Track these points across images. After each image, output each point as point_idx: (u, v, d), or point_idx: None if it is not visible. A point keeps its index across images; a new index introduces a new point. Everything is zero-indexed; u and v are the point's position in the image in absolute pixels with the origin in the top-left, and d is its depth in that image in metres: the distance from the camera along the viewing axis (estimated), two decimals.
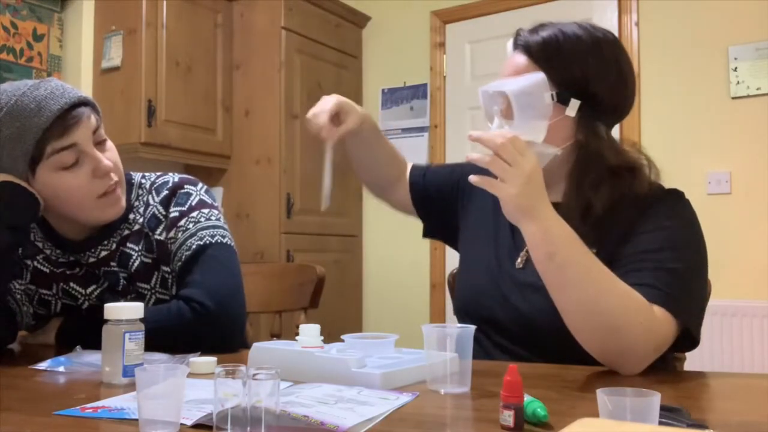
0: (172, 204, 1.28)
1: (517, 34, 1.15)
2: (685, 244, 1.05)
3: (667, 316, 0.96)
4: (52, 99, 1.12)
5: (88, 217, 1.21)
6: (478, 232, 1.26)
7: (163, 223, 1.27)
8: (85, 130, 1.15)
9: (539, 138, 1.09)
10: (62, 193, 1.16)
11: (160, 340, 1.06)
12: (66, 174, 1.15)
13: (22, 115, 1.11)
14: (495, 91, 1.14)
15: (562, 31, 1.12)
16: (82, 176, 1.16)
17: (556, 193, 1.16)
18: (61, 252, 1.28)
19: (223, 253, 1.25)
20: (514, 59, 1.14)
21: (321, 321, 1.10)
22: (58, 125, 1.12)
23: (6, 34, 3.06)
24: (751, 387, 0.97)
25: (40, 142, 1.12)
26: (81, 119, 1.15)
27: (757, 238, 2.86)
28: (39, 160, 1.13)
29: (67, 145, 1.13)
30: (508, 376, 0.66)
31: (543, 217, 0.95)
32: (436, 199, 1.36)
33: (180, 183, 1.31)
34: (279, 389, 0.64)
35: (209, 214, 1.28)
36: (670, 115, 3.11)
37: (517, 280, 1.12)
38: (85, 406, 0.75)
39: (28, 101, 1.11)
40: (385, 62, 3.97)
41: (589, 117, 1.10)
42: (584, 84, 1.09)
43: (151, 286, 1.27)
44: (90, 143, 1.17)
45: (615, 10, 3.27)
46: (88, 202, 1.18)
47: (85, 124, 1.16)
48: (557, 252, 0.94)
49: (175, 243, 1.26)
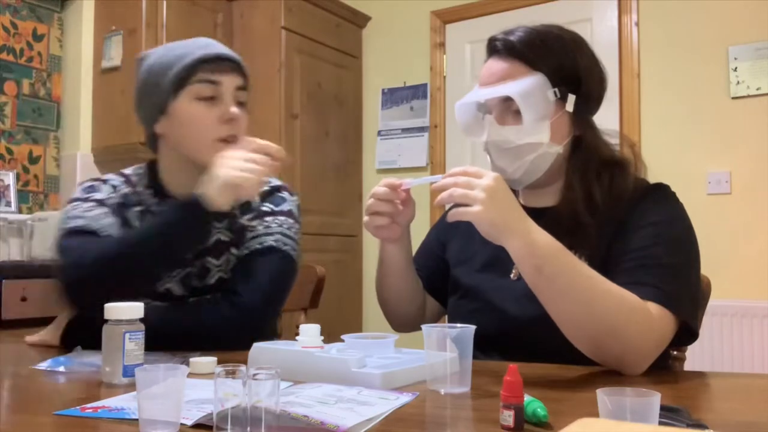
0: (267, 200, 1.36)
1: (493, 40, 1.14)
2: (675, 238, 1.05)
3: (664, 312, 0.96)
4: (218, 46, 1.28)
5: (204, 156, 1.23)
6: (467, 261, 1.24)
7: (254, 212, 1.34)
8: (232, 80, 1.27)
9: (545, 138, 1.09)
10: (190, 123, 1.25)
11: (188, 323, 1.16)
12: (200, 105, 1.25)
13: (190, 45, 1.27)
14: (489, 99, 1.12)
15: (538, 30, 1.12)
16: (211, 114, 1.25)
17: (548, 195, 1.17)
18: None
19: (286, 265, 1.31)
20: (497, 65, 1.12)
21: (321, 321, 1.09)
22: (214, 62, 1.25)
23: (6, 34, 3.06)
24: (751, 387, 0.97)
25: (193, 67, 1.24)
26: (233, 71, 1.27)
27: (757, 238, 2.86)
28: (185, 84, 1.24)
29: (212, 80, 1.25)
30: (508, 376, 0.66)
31: (523, 231, 0.94)
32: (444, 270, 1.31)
33: (281, 187, 1.41)
34: (279, 389, 0.63)
35: (292, 225, 1.36)
36: (670, 115, 3.11)
37: (514, 292, 1.11)
38: (85, 406, 0.75)
39: (200, 41, 1.29)
40: (385, 62, 3.97)
41: (582, 111, 1.12)
42: (578, 79, 1.11)
43: (219, 264, 1.30)
44: (230, 93, 1.27)
45: (615, 10, 3.27)
46: (207, 139, 1.25)
47: (234, 77, 1.27)
48: (543, 264, 0.94)
49: (253, 231, 1.31)
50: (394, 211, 1.14)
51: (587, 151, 1.12)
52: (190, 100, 1.24)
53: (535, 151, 1.10)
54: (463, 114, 1.18)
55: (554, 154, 1.11)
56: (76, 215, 1.27)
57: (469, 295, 1.20)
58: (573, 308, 0.95)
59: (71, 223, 1.26)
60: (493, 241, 0.96)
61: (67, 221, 1.27)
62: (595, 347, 0.97)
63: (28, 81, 3.14)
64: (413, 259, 1.29)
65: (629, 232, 1.05)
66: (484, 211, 0.92)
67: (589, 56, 1.14)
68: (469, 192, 0.93)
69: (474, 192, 0.93)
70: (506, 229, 0.94)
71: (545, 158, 1.11)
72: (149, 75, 1.27)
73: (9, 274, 2.38)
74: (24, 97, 3.12)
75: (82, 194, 1.33)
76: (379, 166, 3.91)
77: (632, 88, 3.19)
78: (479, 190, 0.93)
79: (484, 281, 1.18)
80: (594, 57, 1.15)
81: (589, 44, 1.17)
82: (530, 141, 1.09)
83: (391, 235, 1.17)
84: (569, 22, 1.27)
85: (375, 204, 1.13)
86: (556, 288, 0.95)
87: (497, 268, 1.17)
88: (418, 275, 1.29)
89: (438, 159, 3.74)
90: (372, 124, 4.00)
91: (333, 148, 3.74)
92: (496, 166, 1.14)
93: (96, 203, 1.30)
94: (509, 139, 1.10)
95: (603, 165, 1.12)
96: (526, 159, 1.10)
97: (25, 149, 3.12)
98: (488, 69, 1.13)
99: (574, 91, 1.11)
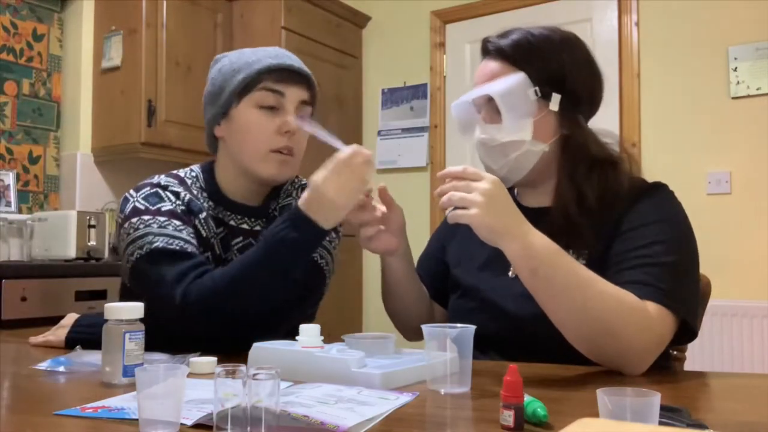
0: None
1: (486, 42, 1.17)
2: (673, 236, 1.05)
3: (663, 311, 0.97)
4: (289, 58, 1.28)
5: (256, 166, 1.25)
6: (467, 261, 1.25)
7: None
8: (297, 93, 1.27)
9: (527, 136, 1.11)
10: (247, 130, 1.24)
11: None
12: (259, 113, 1.24)
13: (261, 52, 1.27)
14: (476, 98, 1.15)
15: (531, 33, 1.15)
16: (270, 124, 1.24)
17: (544, 194, 1.17)
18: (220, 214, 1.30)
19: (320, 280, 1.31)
20: (487, 66, 1.16)
21: (321, 321, 1.09)
22: (282, 72, 1.25)
23: (6, 34, 3.06)
24: (751, 387, 0.97)
25: (260, 74, 1.24)
26: (299, 83, 1.27)
27: (757, 238, 2.86)
28: (249, 90, 1.24)
29: (276, 89, 1.24)
30: (508, 376, 0.66)
31: (519, 233, 0.95)
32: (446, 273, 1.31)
33: None
34: (279, 389, 0.64)
35: (333, 239, 1.34)
36: (670, 115, 3.11)
37: (512, 290, 1.12)
38: (85, 406, 0.75)
39: (272, 50, 1.29)
40: (385, 62, 3.97)
41: (570, 110, 1.13)
42: (562, 79, 1.12)
43: None
44: (293, 105, 1.26)
45: (615, 10, 3.27)
46: (262, 149, 1.24)
47: (299, 90, 1.27)
48: (539, 266, 0.94)
49: None
50: (376, 218, 1.16)
51: (575, 150, 1.13)
52: (252, 107, 1.24)
53: (518, 149, 1.12)
54: (459, 113, 1.21)
55: (539, 152, 1.12)
56: (153, 233, 1.15)
57: (468, 294, 1.21)
58: (569, 309, 0.95)
59: (155, 242, 1.14)
60: (491, 244, 0.97)
61: (144, 240, 1.15)
62: (594, 348, 0.97)
63: (28, 81, 3.13)
64: (417, 265, 1.30)
65: (627, 232, 1.06)
66: (482, 214, 0.93)
67: (578, 56, 1.15)
68: (466, 195, 0.94)
69: (472, 195, 0.94)
70: (503, 232, 0.95)
71: (529, 156, 1.12)
72: (218, 77, 1.28)
73: (9, 274, 2.38)
74: (24, 97, 3.12)
75: (146, 204, 1.20)
76: (379, 166, 3.91)
77: (632, 88, 3.19)
78: (477, 194, 0.94)
79: (482, 280, 1.19)
80: (586, 58, 1.16)
81: (587, 46, 1.17)
82: (513, 139, 1.11)
83: (387, 246, 1.18)
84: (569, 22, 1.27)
85: (351, 215, 1.13)
86: (552, 290, 0.95)
87: (495, 267, 1.17)
88: (422, 281, 1.30)
89: (438, 159, 3.74)
90: (372, 124, 4.00)
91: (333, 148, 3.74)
92: (484, 164, 1.17)
93: (169, 216, 1.19)
94: (494, 137, 1.13)
95: (593, 164, 1.12)
96: (510, 157, 1.12)
97: (25, 149, 3.11)
98: (480, 70, 1.17)
99: (559, 91, 1.12)
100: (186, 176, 1.30)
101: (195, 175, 1.31)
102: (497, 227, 0.94)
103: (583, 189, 1.10)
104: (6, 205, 2.95)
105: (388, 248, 1.18)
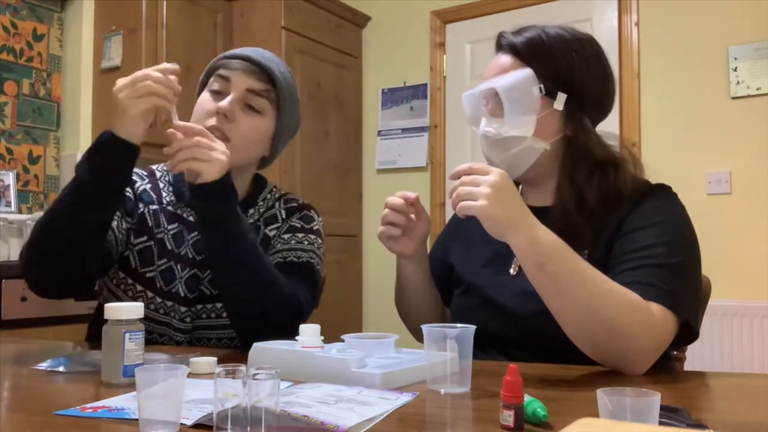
0: (296, 217, 1.37)
1: (500, 37, 1.18)
2: (676, 238, 1.05)
3: (665, 312, 0.97)
4: (255, 51, 1.30)
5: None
6: (469, 259, 1.25)
7: (279, 224, 1.35)
8: (243, 80, 1.26)
9: (529, 132, 1.12)
10: (193, 112, 1.28)
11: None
12: (206, 96, 1.28)
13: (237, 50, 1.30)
14: (482, 90, 1.16)
15: (545, 31, 1.15)
16: (208, 104, 1.26)
17: (546, 194, 1.18)
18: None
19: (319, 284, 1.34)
20: (499, 60, 1.17)
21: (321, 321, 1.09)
22: (234, 60, 1.27)
23: (6, 34, 3.06)
24: (751, 387, 0.96)
25: (218, 62, 1.29)
26: (250, 72, 1.26)
27: (757, 238, 2.86)
28: (208, 78, 1.30)
29: (223, 75, 1.26)
30: (508, 376, 0.66)
31: (526, 227, 0.95)
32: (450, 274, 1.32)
33: (308, 205, 1.42)
34: (279, 389, 0.64)
35: (321, 246, 1.36)
36: (670, 115, 3.11)
37: (513, 287, 1.12)
38: (85, 406, 0.75)
39: (248, 48, 1.31)
40: (385, 62, 3.97)
41: (575, 111, 1.13)
42: (570, 79, 1.12)
43: None
44: (238, 92, 1.26)
45: (615, 10, 3.27)
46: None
47: (248, 78, 1.26)
48: (545, 261, 0.94)
49: (285, 244, 1.31)
50: (407, 224, 1.18)
51: (577, 151, 1.13)
52: (205, 92, 1.29)
53: (519, 144, 1.12)
54: (468, 104, 1.22)
55: (540, 149, 1.13)
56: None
57: (469, 291, 1.22)
58: (574, 306, 0.95)
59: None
60: (497, 237, 0.97)
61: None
62: (596, 346, 0.97)
63: (28, 81, 3.14)
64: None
65: (631, 233, 1.06)
66: (489, 206, 0.93)
67: (590, 58, 1.14)
68: (474, 189, 0.95)
69: (479, 188, 0.94)
70: (510, 225, 0.95)
71: (530, 153, 1.13)
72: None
73: (9, 274, 2.38)
74: (24, 97, 3.12)
75: None
76: (379, 166, 3.91)
77: (632, 88, 3.19)
78: (485, 186, 0.94)
79: (483, 277, 1.19)
80: (598, 61, 1.16)
81: (602, 50, 1.17)
82: (514, 134, 1.12)
83: (403, 249, 1.20)
84: (569, 23, 1.28)
85: (390, 214, 1.17)
86: (557, 285, 0.95)
87: (497, 265, 1.18)
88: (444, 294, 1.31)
89: (438, 159, 3.74)
90: (372, 124, 4.00)
91: (333, 148, 3.74)
92: (487, 157, 1.17)
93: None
94: (497, 131, 1.13)
95: (595, 165, 1.12)
96: (510, 152, 1.13)
97: (25, 149, 3.12)
98: (492, 63, 1.18)
99: (566, 91, 1.12)
100: (158, 169, 1.38)
101: (167, 170, 1.35)
102: (503, 219, 0.94)
103: (583, 190, 1.11)
104: (6, 205, 2.95)
105: (403, 251, 1.21)
